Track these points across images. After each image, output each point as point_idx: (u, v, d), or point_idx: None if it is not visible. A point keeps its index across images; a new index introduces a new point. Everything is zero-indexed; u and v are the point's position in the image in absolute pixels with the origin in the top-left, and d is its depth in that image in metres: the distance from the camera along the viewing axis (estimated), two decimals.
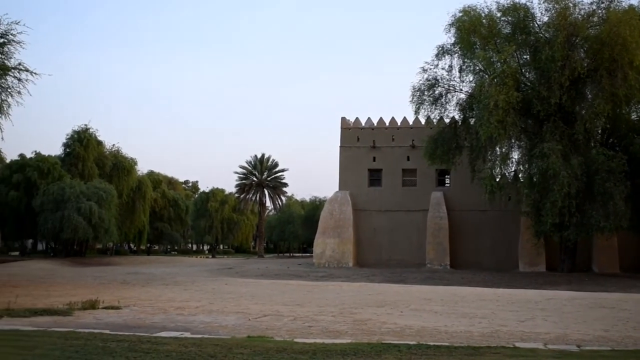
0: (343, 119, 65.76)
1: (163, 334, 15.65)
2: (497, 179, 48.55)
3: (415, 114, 54.80)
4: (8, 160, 75.60)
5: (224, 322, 20.09)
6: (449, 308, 24.68)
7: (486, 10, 49.20)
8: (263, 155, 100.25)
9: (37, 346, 12.61)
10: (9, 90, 34.75)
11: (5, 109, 34.72)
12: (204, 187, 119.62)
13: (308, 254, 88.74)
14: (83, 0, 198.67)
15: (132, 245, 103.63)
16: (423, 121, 59.82)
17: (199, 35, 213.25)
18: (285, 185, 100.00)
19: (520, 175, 52.27)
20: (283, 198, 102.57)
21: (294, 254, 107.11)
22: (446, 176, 63.32)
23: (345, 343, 14.53)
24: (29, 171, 73.55)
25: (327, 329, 18.67)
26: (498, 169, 49.51)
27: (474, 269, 55.76)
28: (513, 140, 50.00)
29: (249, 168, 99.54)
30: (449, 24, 50.20)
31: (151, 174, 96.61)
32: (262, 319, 21.11)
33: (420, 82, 52.95)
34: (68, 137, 79.70)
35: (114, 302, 24.90)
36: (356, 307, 25.05)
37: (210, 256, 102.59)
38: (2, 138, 36.72)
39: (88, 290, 31.25)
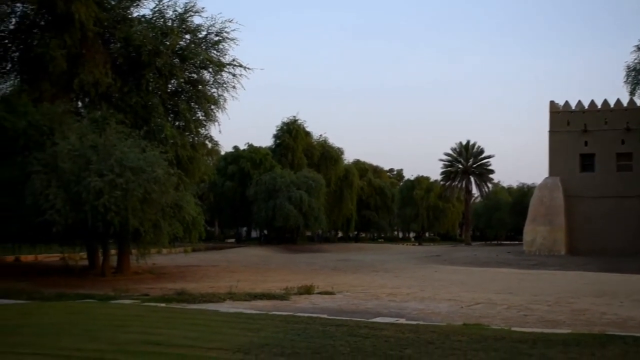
0: (552, 102, 63.61)
1: (379, 319, 15.81)
2: None
3: (631, 95, 52.19)
4: (224, 153, 79.22)
5: (436, 309, 20.05)
6: None
7: None
8: (468, 142, 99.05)
9: (262, 328, 13.12)
10: (225, 85, 36.40)
11: (221, 103, 36.44)
12: (409, 175, 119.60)
13: (516, 242, 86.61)
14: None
15: (340, 233, 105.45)
16: (639, 103, 56.70)
17: (400, 25, 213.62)
18: (492, 172, 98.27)
19: None
20: (489, 185, 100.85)
21: (502, 242, 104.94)
22: None
23: (565, 333, 14.03)
24: (242, 162, 76.88)
25: (544, 318, 18.17)
26: None
27: None
28: None
29: (454, 155, 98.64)
30: None
31: (357, 162, 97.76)
32: (475, 307, 20.88)
33: (636, 61, 50.16)
34: (278, 128, 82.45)
35: (327, 287, 25.52)
36: (572, 297, 24.19)
37: (417, 244, 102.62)
38: (220, 131, 38.57)
39: (301, 276, 32.20)
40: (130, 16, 35.92)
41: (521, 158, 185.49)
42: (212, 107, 36.24)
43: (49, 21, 33.95)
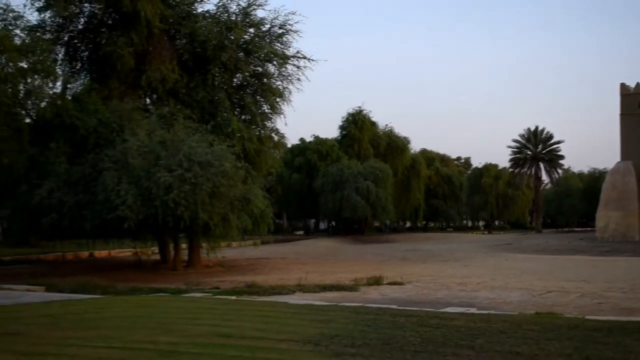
0: (622, 85, 62.20)
1: (449, 309, 15.70)
2: None
3: None
4: (290, 145, 79.52)
5: (508, 298, 19.85)
6: None
7: None
8: (537, 127, 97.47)
9: (332, 320, 13.14)
10: (289, 77, 36.56)
11: (286, 95, 36.62)
12: (476, 162, 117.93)
13: (588, 229, 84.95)
14: None
15: (408, 223, 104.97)
16: None
17: (463, 9, 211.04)
18: (562, 157, 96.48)
19: None
20: (559, 171, 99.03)
21: (573, 229, 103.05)
22: None
23: None
24: (309, 154, 77.09)
25: (619, 305, 17.83)
26: None
27: None
28: None
29: (523, 142, 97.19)
30: None
31: (424, 151, 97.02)
32: (547, 295, 20.60)
33: None
34: (344, 119, 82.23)
35: (396, 278, 25.43)
36: None
37: (486, 232, 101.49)
38: (286, 124, 38.85)
39: (370, 267, 32.19)
40: (194, 12, 36.36)
41: (592, 142, 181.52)
42: (278, 99, 36.44)
43: (116, 20, 34.58)
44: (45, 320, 13.19)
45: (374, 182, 69.73)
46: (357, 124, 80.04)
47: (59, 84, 34.17)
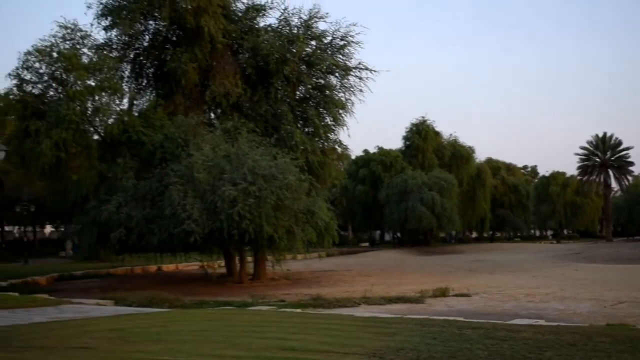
0: None
1: (517, 321, 15.43)
2: None
3: None
4: (354, 156, 79.61)
5: (577, 310, 19.47)
6: None
7: None
8: (605, 134, 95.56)
9: (397, 332, 13.04)
10: (352, 89, 36.57)
11: (349, 107, 36.60)
12: (543, 171, 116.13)
13: None
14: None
15: (474, 233, 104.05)
16: None
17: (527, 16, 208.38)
18: (632, 164, 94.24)
19: None
20: (629, 178, 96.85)
21: None
22: None
23: None
24: (373, 165, 77.15)
25: None
26: None
27: None
28: None
29: (591, 148, 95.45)
30: None
31: (489, 161, 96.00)
32: (619, 306, 20.15)
33: None
34: (407, 130, 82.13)
35: (462, 289, 25.18)
36: None
37: (555, 241, 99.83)
38: (349, 135, 38.78)
39: (436, 278, 31.94)
40: (257, 26, 36.68)
41: None
42: (340, 111, 36.44)
43: (180, 36, 35.16)
44: (113, 334, 13.37)
45: (439, 193, 69.36)
46: (420, 134, 79.81)
47: (125, 100, 34.92)
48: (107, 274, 39.92)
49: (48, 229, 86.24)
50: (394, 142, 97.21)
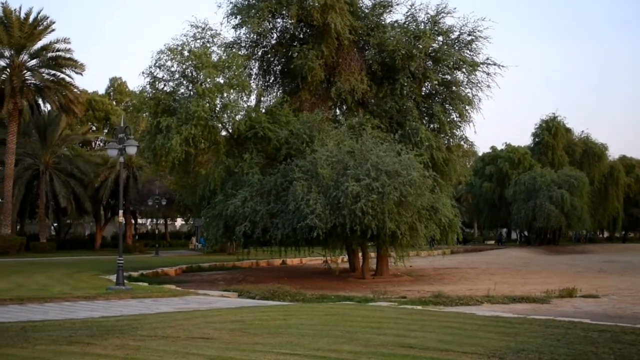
0: None
1: None
2: None
3: None
4: (480, 153, 78.67)
5: None
6: None
7: None
8: None
9: (519, 333, 12.80)
10: (479, 85, 35.97)
11: (476, 103, 36.03)
12: None
13: None
14: None
15: (605, 233, 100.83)
16: None
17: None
18: None
19: None
20: None
21: None
22: None
23: None
24: (500, 162, 76.06)
25: None
26: None
27: None
28: None
29: None
30: None
31: (623, 158, 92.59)
32: None
33: None
34: (536, 126, 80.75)
35: (591, 290, 24.42)
36: None
37: None
38: (475, 132, 38.43)
39: (563, 278, 31.15)
40: (383, 22, 36.58)
41: None
42: (467, 107, 35.88)
43: (306, 33, 35.55)
44: (234, 325, 13.69)
45: (569, 191, 67.71)
46: (550, 131, 78.15)
47: (253, 97, 35.60)
48: (233, 266, 40.93)
49: (179, 221, 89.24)
50: (523, 139, 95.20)
